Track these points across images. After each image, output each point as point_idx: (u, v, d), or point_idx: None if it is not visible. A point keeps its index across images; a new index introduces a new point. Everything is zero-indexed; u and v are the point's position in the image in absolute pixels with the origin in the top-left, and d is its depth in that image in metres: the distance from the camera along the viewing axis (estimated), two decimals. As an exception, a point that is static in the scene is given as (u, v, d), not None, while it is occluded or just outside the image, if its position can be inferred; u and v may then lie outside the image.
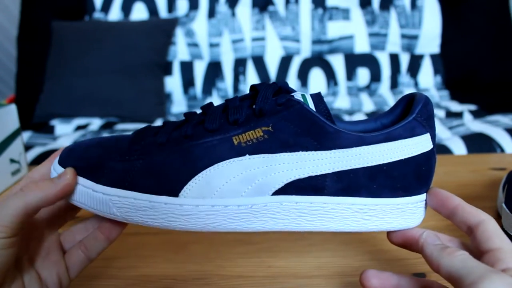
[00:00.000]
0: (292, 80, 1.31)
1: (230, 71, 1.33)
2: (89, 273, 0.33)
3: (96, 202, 0.25)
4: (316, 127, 0.25)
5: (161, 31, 1.29)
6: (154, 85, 1.26)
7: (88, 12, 1.37)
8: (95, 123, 1.17)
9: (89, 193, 0.25)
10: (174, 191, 0.25)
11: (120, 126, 1.14)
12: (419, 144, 0.27)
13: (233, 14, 1.33)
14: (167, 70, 1.31)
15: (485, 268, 0.21)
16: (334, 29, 1.32)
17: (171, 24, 1.31)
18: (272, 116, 0.26)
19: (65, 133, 1.12)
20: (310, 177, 0.26)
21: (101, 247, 0.28)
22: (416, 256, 0.27)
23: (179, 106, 1.32)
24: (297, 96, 0.27)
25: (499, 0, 1.35)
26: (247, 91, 1.32)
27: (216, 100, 1.32)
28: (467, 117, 1.12)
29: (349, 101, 1.28)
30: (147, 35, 1.27)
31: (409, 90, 1.32)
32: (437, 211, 0.27)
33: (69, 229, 0.29)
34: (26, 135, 1.07)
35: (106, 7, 1.36)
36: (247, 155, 0.25)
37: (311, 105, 0.26)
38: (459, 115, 1.13)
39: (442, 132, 1.00)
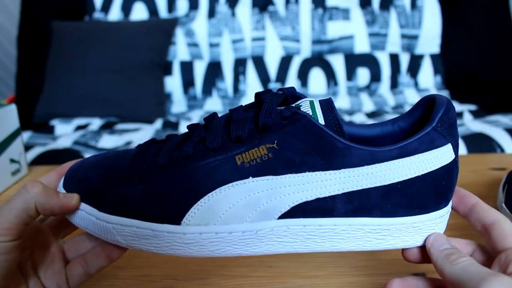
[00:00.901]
0: (292, 80, 1.31)
1: (230, 71, 1.33)
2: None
3: (100, 229, 0.25)
4: (324, 144, 0.23)
5: (161, 31, 1.29)
6: (154, 85, 1.27)
7: (88, 12, 1.37)
8: (95, 123, 1.17)
9: (93, 220, 0.25)
10: (176, 219, 0.24)
11: (120, 126, 1.14)
12: (439, 157, 0.24)
13: (233, 14, 1.33)
14: (167, 70, 1.31)
15: (485, 272, 0.21)
16: (334, 29, 1.32)
17: (171, 24, 1.31)
18: (277, 131, 0.24)
19: (65, 133, 1.12)
20: (318, 199, 0.24)
21: (101, 265, 0.28)
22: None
23: (179, 106, 1.32)
24: (305, 104, 0.25)
25: (499, 0, 1.35)
26: (247, 91, 1.32)
27: (216, 100, 1.32)
28: (467, 117, 1.12)
29: (349, 101, 1.28)
30: (147, 35, 1.27)
31: (409, 90, 1.32)
32: (455, 208, 0.27)
33: (73, 237, 0.30)
34: (26, 135, 1.07)
35: (106, 7, 1.36)
36: (251, 177, 0.24)
37: (319, 114, 0.25)
38: (459, 115, 1.13)
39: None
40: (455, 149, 0.25)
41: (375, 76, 1.31)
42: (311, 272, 0.34)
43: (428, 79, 1.34)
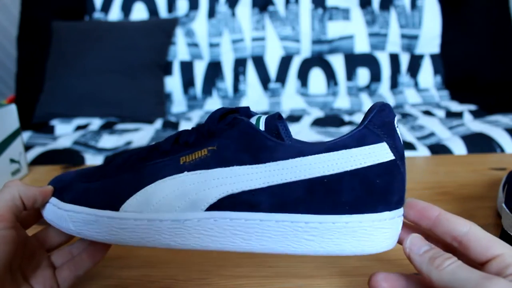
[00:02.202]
0: (292, 80, 1.31)
1: (230, 71, 1.33)
2: (89, 273, 0.33)
3: (58, 217, 0.28)
4: (255, 143, 0.25)
5: (161, 31, 1.29)
6: (154, 85, 1.27)
7: (88, 12, 1.37)
8: (95, 123, 1.17)
9: (54, 210, 0.28)
10: (116, 206, 0.26)
11: (120, 126, 1.14)
12: (371, 154, 0.24)
13: (233, 14, 1.33)
14: (167, 70, 1.31)
15: (478, 277, 0.20)
16: (334, 29, 1.32)
17: (171, 24, 1.31)
18: (219, 136, 0.26)
19: (65, 133, 1.12)
20: (243, 192, 0.24)
21: (87, 267, 0.30)
22: None
23: (179, 106, 1.32)
24: (253, 119, 0.27)
25: (499, 0, 1.35)
26: (247, 91, 1.32)
27: (216, 100, 1.32)
28: (467, 117, 1.12)
29: (349, 101, 1.28)
30: (147, 35, 1.27)
31: (409, 90, 1.32)
32: (417, 224, 0.25)
33: (59, 249, 0.32)
34: (26, 135, 1.07)
35: (106, 7, 1.36)
36: (186, 171, 0.25)
37: (262, 123, 0.26)
38: (459, 115, 1.13)
39: (442, 132, 1.00)
40: (394, 150, 0.24)
41: (375, 76, 1.31)
42: (312, 272, 0.34)
43: (428, 79, 1.34)
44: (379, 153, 0.24)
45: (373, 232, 0.24)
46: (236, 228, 0.25)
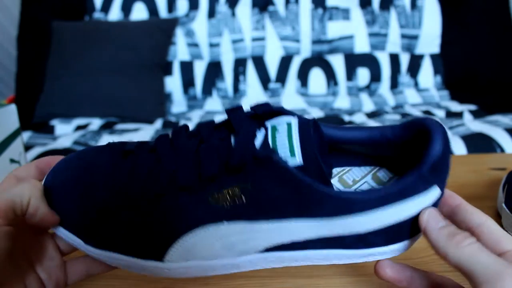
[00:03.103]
0: (292, 80, 1.31)
1: (230, 71, 1.33)
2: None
3: (90, 255, 0.26)
4: (299, 193, 0.22)
5: (161, 31, 1.29)
6: (154, 85, 1.27)
7: (88, 12, 1.37)
8: (95, 123, 1.18)
9: (80, 248, 0.26)
10: (158, 256, 0.25)
11: (120, 126, 1.14)
12: (422, 202, 0.23)
13: (233, 14, 1.33)
14: (167, 70, 1.31)
15: (501, 264, 0.19)
16: (334, 29, 1.32)
17: (171, 24, 1.31)
18: (250, 172, 0.22)
19: (65, 133, 1.12)
20: (293, 242, 0.24)
21: (103, 270, 0.29)
22: (418, 256, 0.27)
23: (179, 106, 1.32)
24: (282, 129, 0.23)
25: (499, 0, 1.35)
26: (247, 91, 1.32)
27: (216, 100, 1.32)
28: (467, 117, 1.12)
29: (349, 101, 1.28)
30: (147, 35, 1.27)
31: (409, 90, 1.32)
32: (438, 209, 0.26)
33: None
34: (26, 135, 1.07)
35: (106, 7, 1.36)
36: (225, 221, 0.23)
37: (297, 149, 0.23)
38: (459, 115, 1.13)
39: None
40: (442, 185, 0.24)
41: (375, 76, 1.31)
42: (311, 272, 0.34)
43: (428, 79, 1.34)
44: (429, 198, 0.23)
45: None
46: (285, 259, 0.25)
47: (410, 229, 0.24)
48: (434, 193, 0.23)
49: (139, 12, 1.36)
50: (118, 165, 0.26)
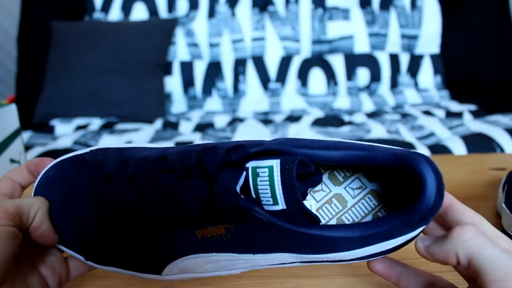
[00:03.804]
0: (292, 80, 1.31)
1: (230, 71, 1.33)
2: (89, 273, 0.33)
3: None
4: (284, 238, 0.23)
5: (161, 31, 1.29)
6: (154, 85, 1.27)
7: (88, 12, 1.37)
8: (95, 123, 1.18)
9: (82, 261, 0.27)
10: (156, 271, 0.26)
11: (120, 126, 1.14)
12: (408, 238, 0.23)
13: (233, 14, 1.33)
14: (167, 70, 1.31)
15: (510, 260, 0.19)
16: (334, 29, 1.32)
17: (171, 24, 1.31)
18: (233, 220, 0.23)
19: (65, 133, 1.12)
20: (280, 263, 0.26)
21: None
22: (416, 256, 0.26)
23: (179, 106, 1.32)
24: (263, 175, 0.23)
25: (499, 0, 1.35)
26: (247, 91, 1.32)
27: (216, 100, 1.32)
28: (467, 117, 1.12)
29: (349, 101, 1.28)
30: (147, 35, 1.27)
31: (409, 90, 1.32)
32: None
33: None
34: (26, 135, 1.07)
35: (106, 7, 1.36)
36: (214, 252, 0.24)
37: (279, 195, 0.22)
38: (459, 115, 1.13)
39: (442, 132, 1.00)
40: (424, 224, 0.23)
41: (375, 76, 1.31)
42: (311, 272, 0.34)
43: (428, 79, 1.34)
44: (417, 232, 0.23)
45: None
46: (276, 264, 0.26)
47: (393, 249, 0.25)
48: (420, 229, 0.23)
49: (139, 12, 1.36)
50: (102, 190, 0.26)
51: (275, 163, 0.22)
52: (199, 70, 1.33)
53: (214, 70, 1.33)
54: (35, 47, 1.34)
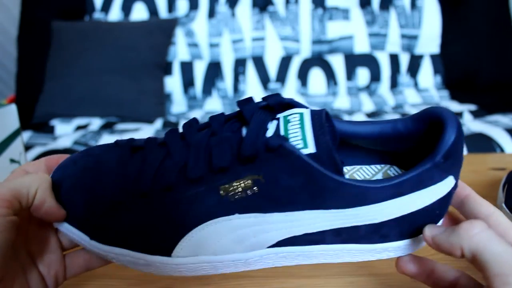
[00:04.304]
0: (292, 80, 1.31)
1: (230, 71, 1.33)
2: (89, 272, 0.33)
3: (92, 251, 0.25)
4: (313, 183, 0.22)
5: (161, 31, 1.29)
6: (154, 85, 1.27)
7: (88, 12, 1.37)
8: (95, 123, 1.18)
9: (84, 244, 0.25)
10: (166, 251, 0.24)
11: (120, 126, 1.14)
12: (437, 192, 0.23)
13: (233, 14, 1.33)
14: (167, 70, 1.31)
15: None
16: (334, 29, 1.32)
17: (171, 24, 1.31)
18: (262, 163, 0.22)
19: (65, 133, 1.12)
20: (306, 234, 0.23)
21: (101, 264, 0.28)
22: (429, 253, 0.26)
23: (179, 106, 1.32)
24: (294, 120, 0.23)
25: (499, 0, 1.35)
26: (247, 91, 1.32)
27: (216, 100, 1.32)
28: (467, 117, 1.12)
29: (349, 101, 1.28)
30: (147, 35, 1.27)
31: (409, 90, 1.32)
32: None
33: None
34: (26, 135, 1.07)
35: (106, 7, 1.36)
36: (237, 214, 0.22)
37: (310, 137, 0.22)
38: (459, 115, 1.14)
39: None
40: (457, 175, 0.23)
41: (375, 76, 1.31)
42: (311, 272, 0.34)
43: (428, 79, 1.34)
44: (444, 187, 0.23)
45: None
46: (297, 255, 0.25)
47: (423, 223, 0.24)
48: (449, 183, 0.23)
49: (139, 12, 1.36)
50: (127, 160, 0.25)
51: (306, 111, 0.24)
52: (199, 70, 1.33)
53: (214, 70, 1.33)
54: (35, 47, 1.34)
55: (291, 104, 0.25)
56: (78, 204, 0.24)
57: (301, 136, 0.22)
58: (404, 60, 1.33)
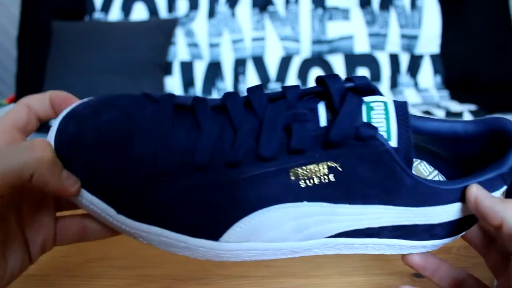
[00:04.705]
0: (292, 80, 1.31)
1: (230, 71, 1.33)
2: (89, 273, 0.33)
3: (116, 227, 0.22)
4: (392, 179, 0.21)
5: (161, 31, 1.29)
6: (154, 85, 1.27)
7: (88, 12, 1.37)
8: (95, 123, 1.18)
9: (107, 218, 0.21)
10: (214, 235, 0.21)
11: (120, 126, 1.14)
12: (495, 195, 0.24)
13: (233, 14, 1.33)
14: (167, 70, 1.31)
15: None
16: (334, 29, 1.32)
17: (171, 24, 1.31)
18: (344, 149, 0.20)
19: (65, 133, 1.12)
20: (369, 228, 0.23)
21: (102, 236, 0.24)
22: (446, 254, 0.27)
23: (179, 106, 1.32)
24: (378, 109, 0.21)
25: (499, 0, 1.35)
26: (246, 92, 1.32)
27: (216, 100, 1.32)
28: (467, 117, 1.12)
29: (349, 101, 1.28)
30: (147, 35, 1.27)
31: (409, 90, 1.32)
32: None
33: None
34: (26, 135, 1.07)
35: (106, 7, 1.36)
36: (305, 201, 0.21)
37: (394, 130, 0.21)
38: (459, 115, 1.14)
39: (442, 132, 1.00)
40: (509, 184, 0.24)
41: (375, 76, 1.31)
42: (311, 272, 0.34)
43: (428, 79, 1.34)
44: (500, 194, 0.24)
45: None
46: (348, 247, 0.24)
47: (465, 225, 0.24)
48: (502, 190, 0.24)
49: (139, 12, 1.36)
50: (171, 122, 0.21)
51: (389, 100, 0.22)
52: (199, 70, 1.33)
53: (214, 70, 1.33)
54: (35, 47, 1.34)
55: (374, 89, 0.23)
56: (105, 171, 0.20)
57: (385, 127, 0.21)
58: (404, 60, 1.33)
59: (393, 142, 0.21)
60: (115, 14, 1.36)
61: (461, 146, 0.26)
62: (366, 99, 0.22)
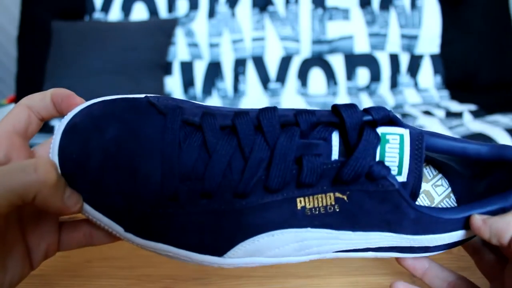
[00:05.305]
0: (292, 80, 1.31)
1: (230, 71, 1.33)
2: (89, 273, 0.33)
3: (125, 239, 0.22)
4: (396, 213, 0.21)
5: (161, 31, 1.29)
6: (154, 85, 1.27)
7: (88, 12, 1.37)
8: (95, 123, 1.18)
9: (113, 233, 0.22)
10: (218, 252, 0.22)
11: (120, 126, 1.14)
12: None
13: (233, 14, 1.33)
14: (167, 70, 1.31)
15: None
16: (334, 29, 1.32)
17: (171, 24, 1.31)
18: (354, 185, 0.20)
19: (65, 133, 1.12)
20: (367, 248, 0.24)
21: (108, 241, 0.24)
22: (440, 255, 0.27)
23: (179, 106, 1.32)
24: (393, 142, 0.21)
25: (499, 0, 1.35)
26: (247, 91, 1.32)
27: (215, 100, 1.32)
28: (467, 117, 1.12)
29: (349, 101, 1.28)
30: (147, 35, 1.27)
31: (408, 90, 1.32)
32: None
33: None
34: (26, 135, 1.07)
35: (106, 7, 1.36)
36: (309, 227, 0.21)
37: (405, 165, 0.21)
38: (459, 115, 1.13)
39: (442, 132, 1.00)
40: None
41: (375, 76, 1.31)
42: (311, 272, 0.34)
43: (428, 79, 1.34)
44: None
45: None
46: (333, 257, 0.25)
47: (460, 242, 0.25)
48: None
49: (139, 12, 1.36)
50: (178, 140, 0.20)
51: (406, 132, 0.21)
52: (199, 70, 1.33)
53: (214, 70, 1.33)
54: (35, 47, 1.34)
55: (393, 120, 0.22)
56: (112, 193, 0.20)
57: (397, 163, 0.21)
58: (404, 60, 1.33)
59: (403, 177, 0.21)
60: (115, 14, 1.36)
61: (471, 165, 0.26)
62: (383, 129, 0.22)
